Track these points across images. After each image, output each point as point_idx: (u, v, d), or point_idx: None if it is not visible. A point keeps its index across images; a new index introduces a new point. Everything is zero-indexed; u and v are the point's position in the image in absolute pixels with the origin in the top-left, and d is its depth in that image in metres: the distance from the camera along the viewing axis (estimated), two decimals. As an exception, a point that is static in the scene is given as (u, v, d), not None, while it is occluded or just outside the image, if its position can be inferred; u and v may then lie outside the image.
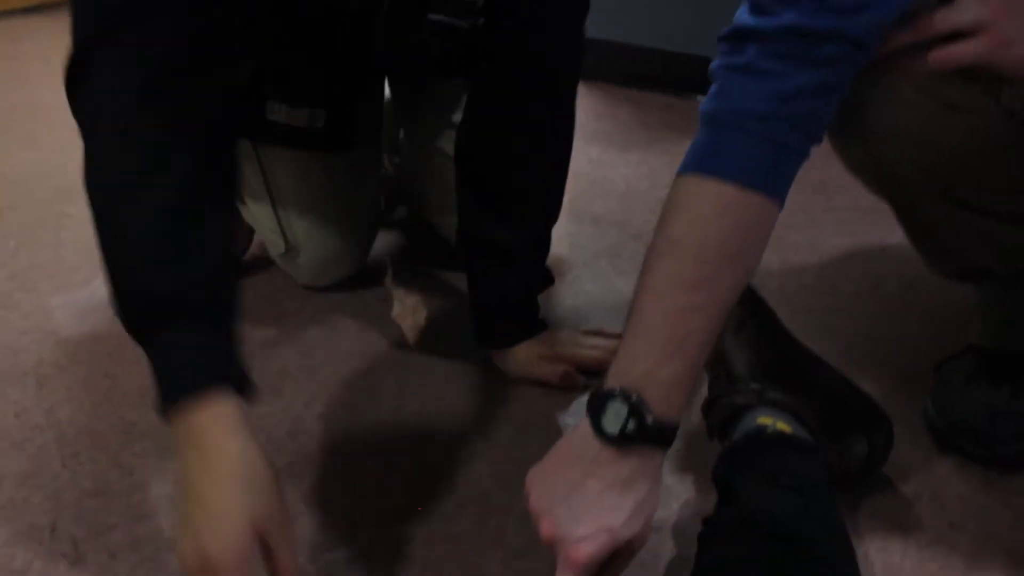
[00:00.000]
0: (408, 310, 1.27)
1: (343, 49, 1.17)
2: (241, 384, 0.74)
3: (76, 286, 1.31)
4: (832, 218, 1.55)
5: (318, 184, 1.25)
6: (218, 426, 0.70)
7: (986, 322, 1.03)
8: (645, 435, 0.70)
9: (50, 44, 2.45)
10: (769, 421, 0.86)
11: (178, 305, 0.72)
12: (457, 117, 1.28)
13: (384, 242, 1.44)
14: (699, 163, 0.73)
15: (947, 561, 0.85)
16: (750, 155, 0.71)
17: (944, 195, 0.89)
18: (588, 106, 1.04)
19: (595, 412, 0.71)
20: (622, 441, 0.70)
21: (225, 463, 0.69)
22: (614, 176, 1.71)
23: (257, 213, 1.27)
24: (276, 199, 1.24)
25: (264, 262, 1.37)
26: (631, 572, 0.82)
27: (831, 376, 0.93)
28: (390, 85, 1.40)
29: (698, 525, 0.81)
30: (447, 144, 1.28)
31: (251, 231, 1.36)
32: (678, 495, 0.93)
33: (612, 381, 0.72)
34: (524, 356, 1.10)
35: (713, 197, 0.71)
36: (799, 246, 1.44)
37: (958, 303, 1.23)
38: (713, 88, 0.74)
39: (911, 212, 0.98)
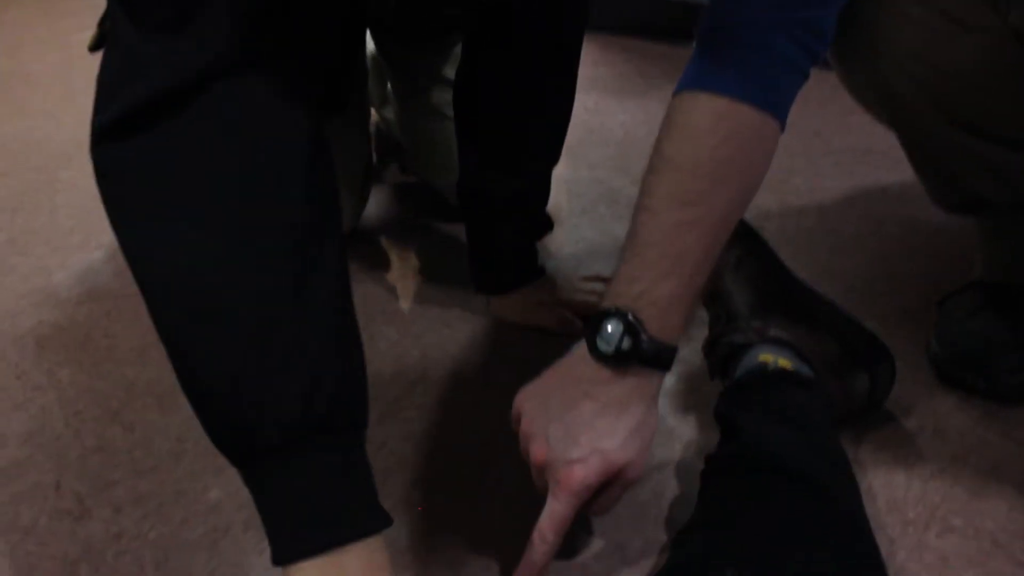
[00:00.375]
0: (407, 267, 1.27)
1: (336, 18, 1.14)
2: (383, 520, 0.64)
3: (73, 249, 1.31)
4: (831, 161, 1.53)
5: None
6: None
7: (989, 256, 1.03)
8: (641, 354, 0.69)
9: (37, 12, 2.43)
10: (770, 358, 0.85)
11: (326, 423, 0.60)
12: (447, 71, 1.27)
13: (377, 198, 1.43)
14: (692, 80, 0.72)
15: (950, 493, 0.85)
16: (744, 67, 0.69)
17: (949, 118, 0.88)
18: (584, 55, 1.03)
19: (591, 333, 0.71)
20: (617, 360, 0.70)
21: None
22: (612, 124, 1.70)
23: None
24: None
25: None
26: (634, 512, 0.83)
27: (832, 312, 0.92)
28: (377, 42, 1.38)
29: (701, 464, 0.81)
30: (438, 98, 1.26)
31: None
32: (680, 435, 0.93)
33: (608, 302, 0.72)
34: (523, 302, 1.10)
35: (706, 111, 0.70)
36: (799, 189, 1.43)
37: (959, 243, 1.23)
38: (707, 6, 0.72)
39: (915, 138, 0.97)
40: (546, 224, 1.14)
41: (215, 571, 0.79)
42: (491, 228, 1.09)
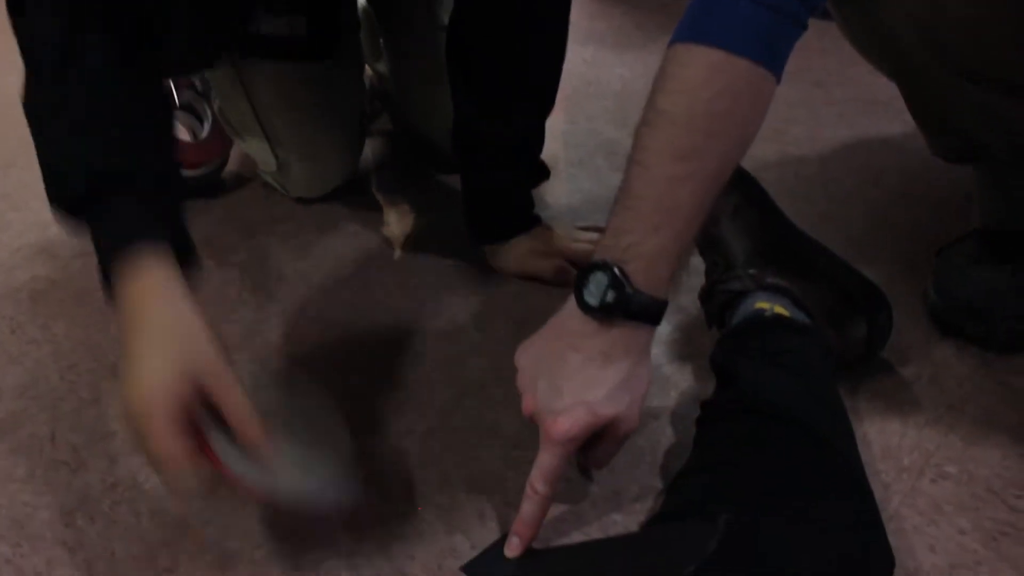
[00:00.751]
0: (401, 218, 1.26)
1: None
2: (185, 253, 0.75)
3: (67, 203, 1.30)
4: (832, 111, 1.52)
5: (302, 96, 1.23)
6: (155, 289, 0.69)
7: (987, 205, 1.02)
8: (626, 307, 0.69)
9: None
10: (767, 305, 0.85)
11: (121, 176, 0.73)
12: (440, 18, 1.25)
13: (371, 149, 1.43)
14: (687, 31, 0.70)
15: (945, 441, 0.85)
16: (740, 19, 0.68)
17: (950, 65, 0.86)
18: (581, 7, 1.02)
19: (578, 286, 0.71)
20: (603, 313, 0.69)
21: (156, 320, 0.68)
22: (609, 77, 1.68)
23: (245, 133, 1.25)
24: (262, 117, 1.22)
25: (241, 179, 1.39)
26: (629, 459, 0.83)
27: (830, 260, 0.91)
28: None
29: (697, 412, 0.81)
30: (430, 48, 1.25)
31: (227, 147, 1.35)
32: (676, 384, 0.93)
33: (597, 255, 0.71)
34: (518, 251, 1.09)
35: (701, 63, 0.69)
36: (799, 139, 1.42)
37: (958, 193, 1.22)
38: None
39: (916, 87, 0.95)
40: (542, 171, 1.13)
41: (211, 520, 0.79)
42: (486, 175, 1.08)
